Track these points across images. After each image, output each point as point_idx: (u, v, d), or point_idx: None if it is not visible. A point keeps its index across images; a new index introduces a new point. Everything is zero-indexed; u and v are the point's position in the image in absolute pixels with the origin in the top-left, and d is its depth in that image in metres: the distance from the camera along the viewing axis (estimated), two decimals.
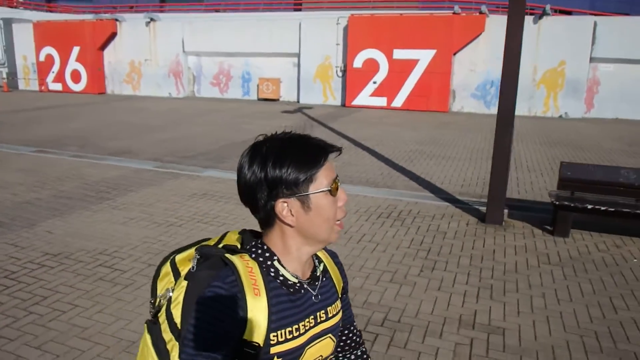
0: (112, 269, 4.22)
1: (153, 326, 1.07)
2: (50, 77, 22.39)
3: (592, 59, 16.28)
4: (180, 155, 9.05)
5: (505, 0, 23.26)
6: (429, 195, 6.75)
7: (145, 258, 4.45)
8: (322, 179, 1.00)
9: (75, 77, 21.89)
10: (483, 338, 3.32)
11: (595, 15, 17.12)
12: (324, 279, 1.14)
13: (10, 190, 6.59)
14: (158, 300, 1.09)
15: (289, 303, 1.03)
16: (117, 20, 21.17)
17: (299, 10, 26.48)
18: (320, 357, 1.12)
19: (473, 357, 3.11)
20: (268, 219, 1.03)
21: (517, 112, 18.42)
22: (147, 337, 1.07)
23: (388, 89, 17.47)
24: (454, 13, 16.84)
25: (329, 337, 1.12)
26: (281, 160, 0.98)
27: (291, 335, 1.02)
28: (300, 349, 1.04)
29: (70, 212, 5.69)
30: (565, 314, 3.64)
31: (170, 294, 1.05)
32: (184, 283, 1.02)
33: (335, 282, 1.17)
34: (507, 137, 5.44)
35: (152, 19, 20.57)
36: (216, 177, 7.41)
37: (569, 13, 19.21)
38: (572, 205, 5.18)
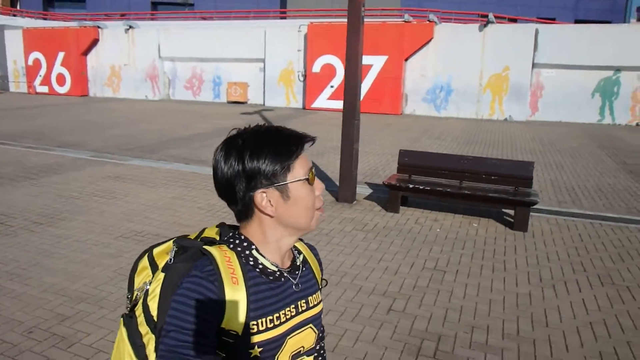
0: (2, 224, 5.39)
1: (129, 320, 1.07)
2: (38, 80, 23.82)
3: (534, 65, 17.32)
4: (120, 148, 10.24)
5: (453, 9, 24.37)
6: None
7: (35, 218, 5.62)
8: (298, 169, 1.03)
9: (60, 80, 23.28)
10: None
11: (538, 22, 18.20)
12: (304, 268, 1.15)
13: None
14: (135, 294, 1.09)
15: (269, 291, 1.03)
16: (99, 27, 22.55)
17: (284, 18, 27.88)
18: (302, 349, 1.11)
19: None
20: (247, 210, 1.04)
21: (465, 115, 19.86)
22: (123, 331, 1.07)
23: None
24: (404, 21, 18.00)
25: (310, 327, 1.12)
26: (258, 151, 1.00)
27: (272, 324, 1.02)
28: (281, 338, 1.04)
29: None
30: (338, 263, 4.76)
31: (148, 287, 1.05)
32: (161, 275, 1.02)
33: (315, 273, 1.19)
34: (352, 127, 6.57)
35: (130, 27, 21.91)
36: (136, 165, 8.58)
37: (514, 21, 20.29)
38: (398, 185, 6.29)
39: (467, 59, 17.59)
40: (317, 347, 1.27)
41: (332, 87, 18.75)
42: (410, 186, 6.23)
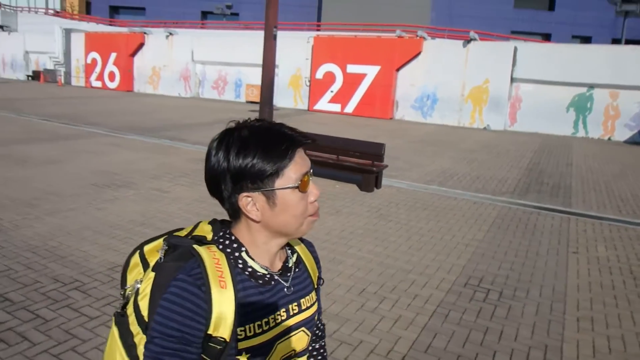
0: (25, 162, 8.30)
1: (121, 319, 1.05)
2: (93, 76, 27.86)
3: (513, 79, 18.99)
4: (129, 128, 13.22)
5: (440, 25, 26.17)
6: None
7: (44, 160, 8.51)
8: (290, 174, 0.96)
9: (111, 77, 27.17)
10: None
11: (517, 39, 19.82)
12: (297, 269, 1.11)
13: (11, 130, 11.00)
14: (127, 292, 1.09)
15: (258, 296, 1.00)
16: (145, 33, 26.23)
17: (319, 30, 30.72)
18: (293, 352, 1.08)
19: None
20: (234, 211, 1.01)
21: (447, 123, 22.48)
22: (115, 330, 1.06)
23: (342, 97, 21.04)
24: (398, 36, 20.20)
25: (302, 330, 1.09)
26: (245, 150, 0.95)
27: (260, 330, 0.99)
28: (270, 343, 1.01)
29: (10, 143, 9.93)
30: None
31: (138, 285, 1.04)
32: (152, 274, 1.00)
33: (310, 272, 1.15)
34: (265, 114, 9.06)
35: (170, 33, 25.42)
36: (131, 138, 11.47)
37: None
38: None
39: (452, 71, 19.52)
40: (317, 347, 1.26)
41: (331, 92, 21.22)
42: None
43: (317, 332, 1.27)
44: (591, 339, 3.54)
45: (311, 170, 1.02)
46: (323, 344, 1.29)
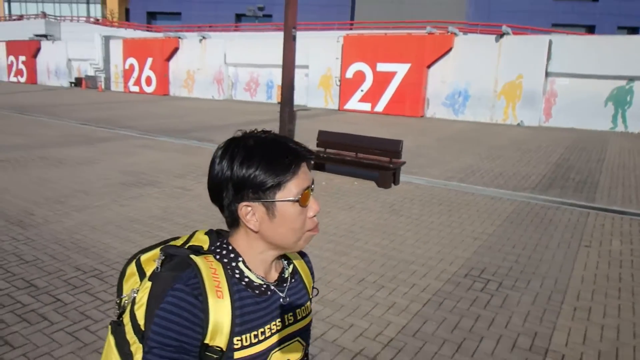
0: (60, 163, 8.84)
1: (117, 327, 1.07)
2: (131, 81, 28.95)
3: (548, 74, 18.51)
4: (160, 130, 13.76)
5: (472, 20, 25.64)
6: None
7: (78, 161, 9.03)
8: (291, 187, 0.98)
9: (148, 81, 28.16)
10: None
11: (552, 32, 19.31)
12: (293, 280, 1.13)
13: (41, 134, 11.69)
14: (123, 301, 1.10)
15: (255, 306, 1.01)
16: (179, 37, 27.06)
17: (351, 29, 30.93)
18: None
19: None
20: (233, 219, 1.03)
21: (479, 120, 22.14)
22: (111, 339, 1.07)
23: (372, 96, 21.06)
24: (428, 33, 20.07)
25: (298, 340, 1.11)
26: (249, 160, 0.96)
27: (256, 339, 1.01)
28: (265, 353, 1.03)
29: (51, 147, 10.53)
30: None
31: (135, 294, 1.05)
32: (148, 284, 1.01)
33: (306, 282, 1.17)
34: (286, 113, 9.28)
35: (203, 37, 26.12)
36: (161, 140, 11.95)
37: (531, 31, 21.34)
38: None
39: (484, 67, 19.22)
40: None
41: (362, 90, 21.28)
42: (322, 155, 8.82)
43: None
44: (584, 328, 3.55)
45: (313, 186, 1.03)
46: (307, 351, 1.25)
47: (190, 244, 1.08)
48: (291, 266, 1.14)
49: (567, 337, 3.41)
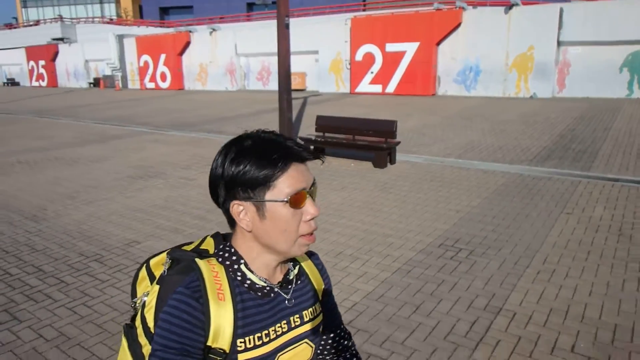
0: (75, 162, 9.34)
1: (129, 330, 1.09)
2: (147, 78, 29.61)
3: (560, 43, 18.18)
4: (171, 124, 14.21)
5: None
6: None
7: (92, 158, 9.51)
8: (282, 187, 0.95)
9: (163, 77, 28.76)
10: None
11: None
12: (299, 282, 1.12)
13: (58, 135, 12.26)
14: (136, 304, 1.12)
15: (257, 308, 1.01)
16: (190, 31, 27.48)
17: (364, 10, 30.80)
18: None
19: None
20: (229, 218, 1.03)
21: (492, 94, 21.93)
22: (124, 341, 1.09)
23: (382, 77, 21.09)
24: (436, 9, 19.90)
25: (305, 342, 1.10)
26: (239, 158, 0.96)
27: (260, 342, 1.01)
28: (271, 355, 1.03)
29: (65, 147, 11.06)
30: None
31: (145, 298, 1.07)
32: (156, 287, 1.03)
33: (314, 284, 1.15)
34: (284, 101, 9.51)
35: (213, 29, 26.46)
36: (171, 134, 12.38)
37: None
38: (312, 139, 9.14)
39: (494, 40, 18.99)
40: (348, 356, 1.25)
41: (372, 72, 21.31)
42: (320, 140, 9.07)
43: (343, 341, 1.26)
44: (542, 289, 3.75)
45: (311, 188, 1.00)
46: (354, 351, 1.28)
47: (200, 247, 1.10)
48: (297, 267, 1.13)
49: (524, 298, 3.62)
